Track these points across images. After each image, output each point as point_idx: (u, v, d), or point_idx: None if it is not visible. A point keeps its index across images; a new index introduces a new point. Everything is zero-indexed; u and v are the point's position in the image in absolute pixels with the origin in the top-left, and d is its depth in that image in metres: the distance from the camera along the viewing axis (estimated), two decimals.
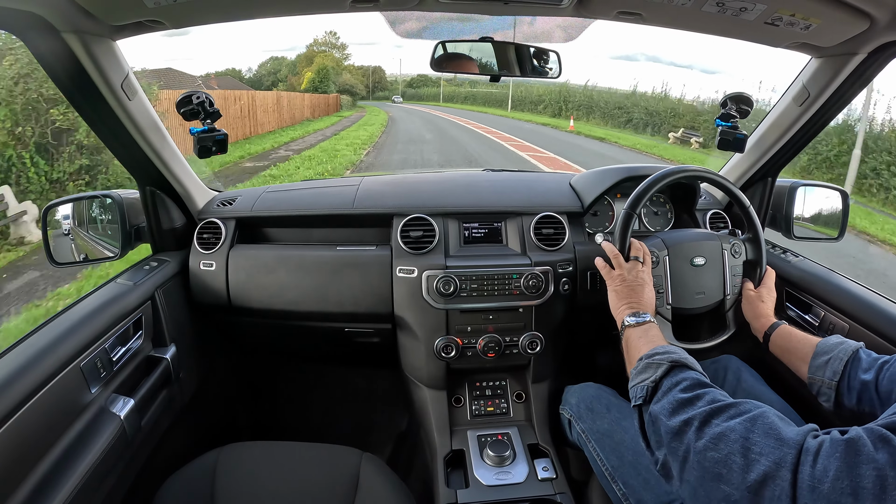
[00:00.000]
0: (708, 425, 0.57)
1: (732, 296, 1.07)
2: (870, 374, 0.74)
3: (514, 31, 1.12)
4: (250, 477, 0.90)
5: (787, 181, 1.30)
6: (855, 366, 0.77)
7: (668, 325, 1.04)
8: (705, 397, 0.61)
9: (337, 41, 56.38)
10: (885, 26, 0.81)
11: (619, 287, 0.93)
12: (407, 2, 0.89)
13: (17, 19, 0.74)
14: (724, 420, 0.56)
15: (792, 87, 1.10)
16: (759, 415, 0.56)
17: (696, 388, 0.63)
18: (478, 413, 1.22)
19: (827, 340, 0.84)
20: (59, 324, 0.84)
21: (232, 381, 1.52)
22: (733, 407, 0.58)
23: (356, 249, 1.21)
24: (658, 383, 0.67)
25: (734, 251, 1.08)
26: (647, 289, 0.92)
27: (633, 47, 74.10)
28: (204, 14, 0.89)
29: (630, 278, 0.93)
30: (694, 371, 0.67)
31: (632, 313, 0.86)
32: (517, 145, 13.77)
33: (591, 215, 1.34)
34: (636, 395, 0.69)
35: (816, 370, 0.82)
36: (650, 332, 0.81)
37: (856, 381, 0.76)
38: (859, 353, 0.79)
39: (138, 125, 0.98)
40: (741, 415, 0.56)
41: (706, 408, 0.58)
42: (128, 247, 1.15)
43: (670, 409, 0.61)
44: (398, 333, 1.25)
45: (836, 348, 0.81)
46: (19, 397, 0.68)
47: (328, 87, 36.88)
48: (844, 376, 0.78)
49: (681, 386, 0.64)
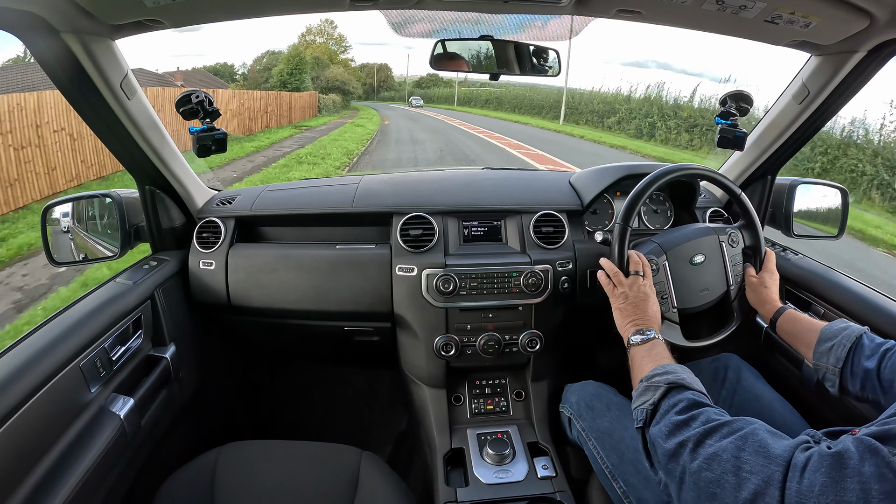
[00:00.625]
0: (702, 446, 0.58)
1: (736, 285, 1.07)
2: (872, 362, 0.75)
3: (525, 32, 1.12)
4: (250, 476, 0.90)
5: (787, 179, 1.31)
6: (858, 352, 0.78)
7: (677, 327, 1.03)
8: (700, 418, 0.62)
9: (334, 31, 48.62)
10: (884, 24, 0.81)
11: (622, 305, 0.93)
12: (406, 0, 0.89)
13: (17, 19, 0.73)
14: (717, 440, 0.58)
15: (791, 85, 1.10)
16: (749, 432, 0.57)
17: (691, 409, 0.64)
18: (477, 411, 1.22)
19: (831, 326, 0.85)
20: (58, 323, 0.84)
21: (232, 381, 1.52)
22: (726, 426, 0.59)
23: (356, 248, 1.21)
24: (656, 406, 0.68)
25: (731, 241, 1.07)
26: (651, 302, 0.92)
27: (645, 54, 73.34)
28: (203, 13, 0.89)
29: (633, 294, 0.93)
30: (691, 391, 0.68)
31: (636, 331, 0.86)
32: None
33: (591, 213, 1.34)
34: (637, 417, 0.71)
35: (821, 356, 0.83)
36: (654, 350, 0.81)
37: (859, 368, 0.77)
38: (863, 338, 0.79)
39: (137, 124, 0.98)
40: (733, 433, 0.57)
41: (700, 429, 0.60)
42: (127, 246, 1.15)
43: (667, 431, 0.63)
44: (398, 332, 1.25)
45: (839, 334, 0.82)
46: (19, 397, 0.68)
47: (302, 83, 27.32)
48: (848, 363, 0.79)
49: (677, 408, 0.65)
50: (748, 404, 0.96)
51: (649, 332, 0.85)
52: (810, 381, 1.03)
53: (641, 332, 0.85)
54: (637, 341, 0.84)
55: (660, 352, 0.81)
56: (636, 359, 0.82)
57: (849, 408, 0.93)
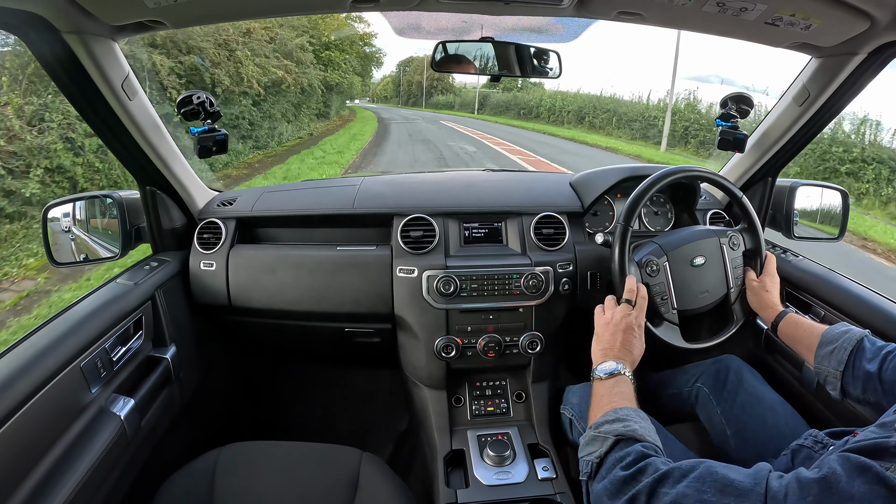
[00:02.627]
0: (656, 496, 0.54)
1: (736, 288, 1.07)
2: (874, 365, 0.74)
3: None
4: (250, 477, 0.90)
5: (787, 181, 1.31)
6: (859, 356, 0.77)
7: (677, 329, 1.03)
8: (647, 469, 0.58)
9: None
10: (885, 26, 0.81)
11: (601, 330, 0.89)
12: (407, 2, 0.89)
13: (18, 19, 0.74)
14: (671, 486, 0.54)
15: (792, 87, 1.10)
16: (704, 472, 0.53)
17: (637, 462, 0.60)
18: (478, 413, 1.22)
19: (832, 329, 0.84)
20: (59, 324, 0.84)
21: (232, 381, 1.52)
22: (676, 470, 0.55)
23: (356, 249, 1.21)
24: (602, 459, 0.64)
25: (732, 243, 1.08)
26: (634, 336, 0.86)
27: (708, 69, 70.95)
28: (204, 14, 0.89)
29: (615, 321, 0.88)
30: (641, 443, 0.63)
31: (603, 363, 0.81)
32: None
33: (592, 215, 1.34)
34: (582, 469, 0.67)
35: (822, 360, 0.82)
36: (615, 390, 0.76)
37: (860, 372, 0.76)
38: (864, 342, 0.79)
39: (139, 125, 0.98)
40: (686, 476, 0.54)
41: (649, 479, 0.56)
42: (128, 247, 1.15)
43: (613, 490, 0.59)
44: (398, 333, 1.25)
45: (840, 337, 0.81)
46: (20, 397, 0.68)
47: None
48: (849, 366, 0.78)
49: (623, 462, 0.61)
50: (749, 406, 0.96)
51: (617, 366, 0.79)
52: (811, 382, 1.03)
53: (609, 364, 0.80)
54: (600, 375, 0.79)
55: (622, 391, 0.75)
56: (595, 395, 0.77)
57: (850, 410, 0.93)
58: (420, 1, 0.89)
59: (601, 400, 0.75)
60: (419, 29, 1.11)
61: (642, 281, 1.03)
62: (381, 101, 60.40)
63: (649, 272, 1.03)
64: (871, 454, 0.46)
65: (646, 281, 1.03)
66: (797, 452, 0.80)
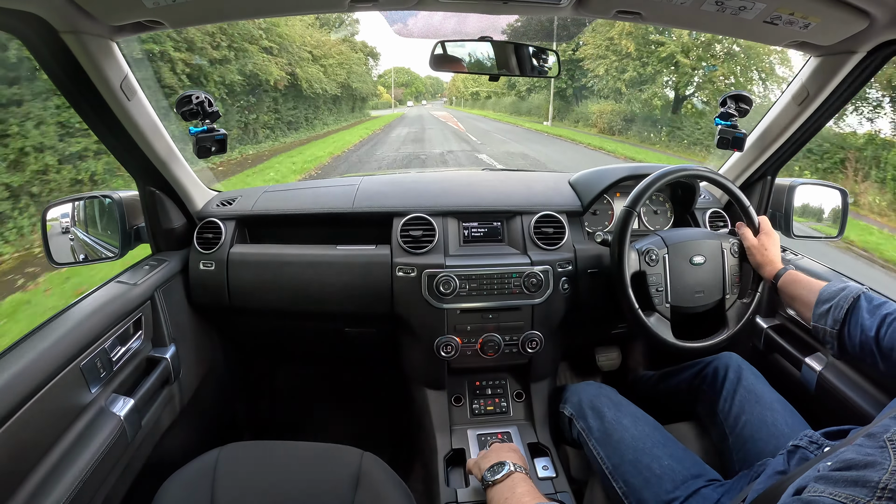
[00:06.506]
0: None
1: (733, 296, 1.08)
2: (871, 326, 0.74)
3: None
4: (250, 476, 0.90)
5: (787, 180, 1.31)
6: (856, 314, 0.77)
7: (668, 323, 1.04)
8: None
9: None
10: (884, 25, 0.81)
11: (480, 460, 0.86)
12: (406, 1, 0.89)
13: (16, 20, 0.73)
14: None
15: (791, 85, 1.10)
16: None
17: None
18: (478, 412, 1.22)
19: (830, 286, 0.84)
20: (59, 324, 0.84)
21: (232, 381, 1.52)
22: None
23: (356, 249, 1.21)
24: None
25: (733, 251, 1.08)
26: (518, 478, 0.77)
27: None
28: (203, 14, 0.89)
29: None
30: None
31: (490, 467, 0.79)
32: None
33: (591, 214, 1.34)
34: None
35: (819, 318, 0.82)
36: (518, 490, 0.72)
37: (856, 330, 0.76)
38: (861, 300, 0.78)
39: (137, 125, 0.98)
40: None
41: None
42: (127, 247, 1.15)
43: None
44: (398, 333, 1.25)
45: (837, 295, 0.81)
46: (19, 397, 0.68)
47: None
48: (846, 325, 0.78)
49: None
50: (749, 404, 0.96)
51: (506, 465, 0.77)
52: (810, 381, 1.03)
53: (496, 467, 0.78)
54: (490, 480, 0.77)
55: (525, 491, 0.71)
56: (494, 501, 0.74)
57: (848, 408, 0.93)
58: (418, 0, 0.89)
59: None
60: (418, 28, 1.11)
61: (640, 269, 1.04)
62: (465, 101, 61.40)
63: (648, 260, 1.04)
64: (851, 483, 0.40)
65: (643, 269, 1.04)
66: (793, 453, 0.80)
